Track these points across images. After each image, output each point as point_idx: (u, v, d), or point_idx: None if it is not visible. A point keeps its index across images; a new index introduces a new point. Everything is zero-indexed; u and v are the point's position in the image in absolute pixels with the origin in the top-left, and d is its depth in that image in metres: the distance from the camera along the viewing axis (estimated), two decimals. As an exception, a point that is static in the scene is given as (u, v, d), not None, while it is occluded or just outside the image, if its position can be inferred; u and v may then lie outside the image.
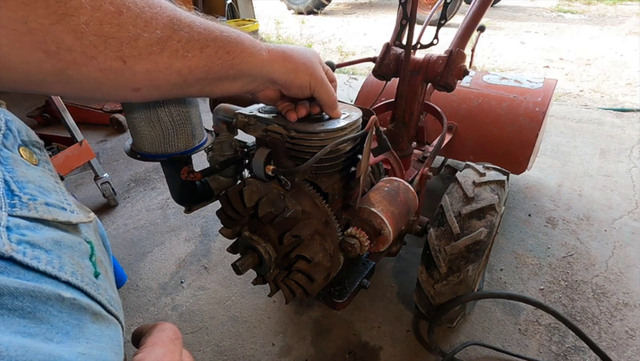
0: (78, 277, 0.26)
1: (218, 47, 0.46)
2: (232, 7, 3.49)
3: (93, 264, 0.30)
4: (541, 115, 1.35)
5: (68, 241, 0.28)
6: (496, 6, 6.11)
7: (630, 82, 2.95)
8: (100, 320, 0.28)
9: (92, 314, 0.27)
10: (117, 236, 1.63)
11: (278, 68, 0.55)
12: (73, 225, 0.29)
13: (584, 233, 1.50)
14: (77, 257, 0.28)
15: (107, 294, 0.30)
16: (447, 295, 0.97)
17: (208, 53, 0.45)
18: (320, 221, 0.67)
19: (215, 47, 0.45)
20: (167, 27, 0.40)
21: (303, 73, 0.56)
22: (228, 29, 0.48)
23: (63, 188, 0.33)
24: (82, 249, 0.29)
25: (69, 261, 0.26)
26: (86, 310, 0.26)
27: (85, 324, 0.26)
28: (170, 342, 0.34)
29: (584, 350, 1.08)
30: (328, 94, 0.60)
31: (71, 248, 0.28)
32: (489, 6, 1.09)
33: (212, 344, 1.17)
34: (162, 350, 0.33)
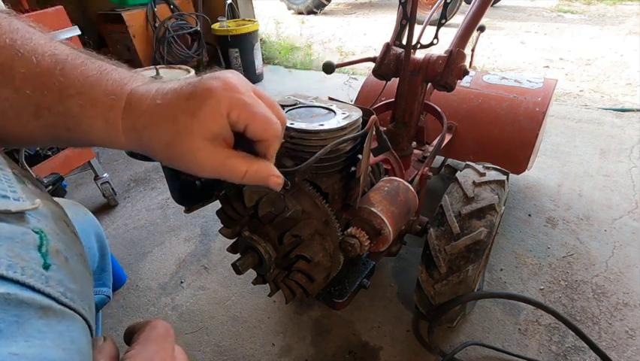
0: (17, 270, 0.24)
1: (51, 122, 0.34)
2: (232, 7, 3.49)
3: (42, 255, 0.28)
4: (541, 115, 1.35)
5: (7, 231, 0.26)
6: (496, 6, 6.10)
7: (630, 82, 2.94)
8: (50, 315, 0.26)
9: (39, 309, 0.25)
10: (117, 236, 1.63)
11: (149, 155, 0.38)
12: (14, 213, 0.27)
13: (584, 233, 1.50)
14: (19, 248, 0.26)
15: (60, 286, 0.28)
16: (447, 295, 0.97)
17: (44, 123, 0.34)
18: (320, 221, 0.67)
19: (48, 120, 0.34)
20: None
21: (185, 163, 0.36)
22: (71, 92, 0.34)
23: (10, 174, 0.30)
24: (26, 239, 0.27)
25: (5, 253, 0.24)
26: (28, 305, 0.24)
27: (27, 320, 0.24)
28: (163, 339, 0.33)
29: (584, 350, 1.08)
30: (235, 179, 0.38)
31: (10, 239, 0.26)
32: (489, 6, 1.09)
33: (212, 344, 1.17)
34: (154, 348, 0.32)
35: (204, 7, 3.37)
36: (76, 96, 0.34)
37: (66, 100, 0.33)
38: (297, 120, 0.65)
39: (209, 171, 0.37)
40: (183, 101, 0.35)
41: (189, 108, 0.34)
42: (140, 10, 2.92)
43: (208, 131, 0.35)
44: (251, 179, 0.38)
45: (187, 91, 0.35)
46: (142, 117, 0.35)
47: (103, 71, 0.36)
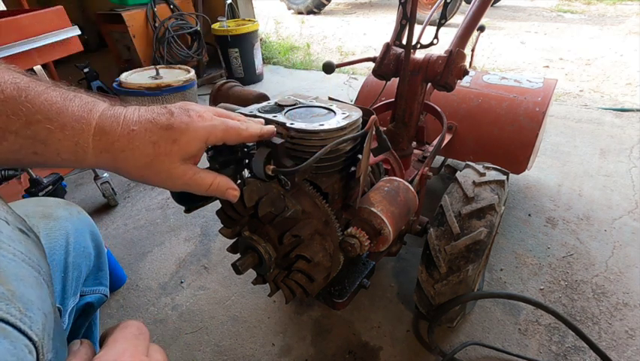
0: None
1: (20, 145, 0.36)
2: (232, 7, 3.49)
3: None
4: (541, 115, 1.35)
5: None
6: (496, 6, 6.11)
7: (630, 82, 2.94)
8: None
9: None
10: (117, 236, 1.63)
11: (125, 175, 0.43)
12: None
13: (584, 233, 1.50)
14: None
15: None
16: (447, 295, 0.97)
17: (8, 148, 0.36)
18: (320, 221, 0.67)
19: (15, 143, 0.36)
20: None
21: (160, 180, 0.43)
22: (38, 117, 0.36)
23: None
24: None
25: None
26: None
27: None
28: (133, 338, 0.33)
29: (584, 350, 1.08)
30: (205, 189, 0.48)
31: None
32: (489, 6, 1.09)
33: (212, 343, 1.17)
34: (123, 346, 0.32)
35: (204, 7, 3.37)
36: (44, 121, 0.36)
37: (33, 125, 0.36)
38: (297, 120, 0.65)
39: (180, 185, 0.44)
40: (163, 130, 0.41)
41: (170, 136, 0.41)
42: (140, 10, 2.92)
43: (185, 154, 0.43)
44: (214, 190, 0.48)
45: (164, 122, 0.42)
46: (118, 141, 0.39)
47: (66, 98, 0.39)
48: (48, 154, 0.38)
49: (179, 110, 0.44)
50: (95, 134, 0.39)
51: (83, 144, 0.38)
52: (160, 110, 0.43)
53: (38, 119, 0.36)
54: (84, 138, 0.38)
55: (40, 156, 0.37)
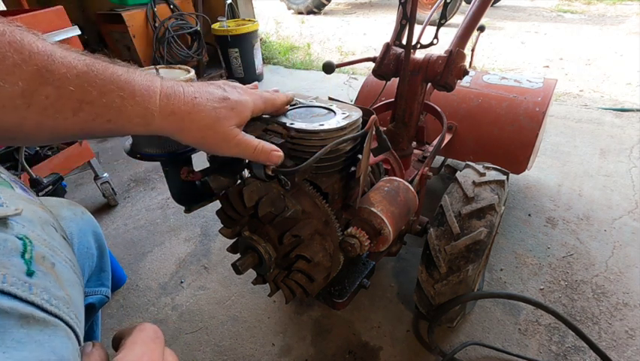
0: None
1: (95, 114, 0.39)
2: (232, 7, 3.49)
3: (26, 261, 0.27)
4: (541, 115, 1.35)
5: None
6: (496, 6, 6.10)
7: (630, 82, 2.94)
8: (32, 324, 0.25)
9: (20, 318, 0.24)
10: (117, 236, 1.63)
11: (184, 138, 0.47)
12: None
13: (584, 233, 1.50)
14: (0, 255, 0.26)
15: (45, 293, 0.27)
16: (447, 295, 0.97)
17: (83, 118, 0.38)
18: (320, 221, 0.67)
19: (91, 113, 0.39)
20: (33, 78, 0.34)
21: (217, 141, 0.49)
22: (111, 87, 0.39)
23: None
24: (8, 246, 0.27)
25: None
26: (8, 314, 0.24)
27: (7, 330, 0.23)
28: (150, 341, 0.33)
29: (584, 350, 1.08)
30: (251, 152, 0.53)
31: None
32: (489, 6, 1.09)
33: (212, 343, 1.17)
34: (141, 350, 0.32)
35: (204, 7, 3.37)
36: (117, 90, 0.40)
37: (107, 94, 0.39)
38: (297, 120, 0.65)
39: (233, 145, 0.50)
40: (221, 100, 0.49)
41: (228, 105, 0.49)
42: (140, 10, 2.91)
43: (238, 121, 0.50)
44: (259, 152, 0.53)
45: (220, 94, 0.50)
46: (184, 105, 0.45)
47: (128, 70, 0.43)
48: (121, 121, 0.41)
49: (228, 87, 0.52)
50: (161, 100, 0.43)
51: (151, 108, 0.43)
52: (209, 86, 0.50)
53: (111, 89, 0.39)
54: (152, 103, 0.43)
55: (114, 123, 0.41)
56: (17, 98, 0.34)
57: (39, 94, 0.35)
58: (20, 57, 0.33)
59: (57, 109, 0.36)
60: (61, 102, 0.36)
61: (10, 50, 0.33)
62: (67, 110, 0.37)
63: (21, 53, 0.33)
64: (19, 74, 0.33)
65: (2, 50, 0.32)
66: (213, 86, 0.51)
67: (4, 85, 0.32)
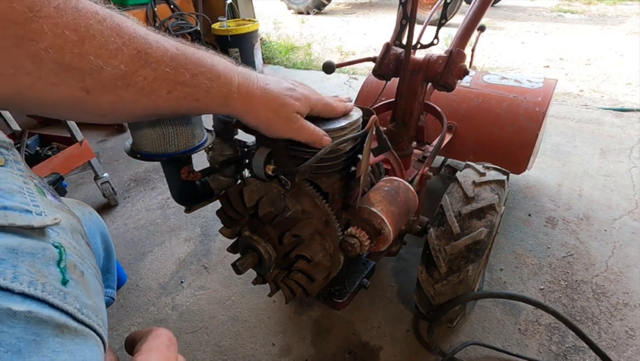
0: (38, 286, 0.24)
1: (186, 93, 0.43)
2: (232, 7, 3.49)
3: (61, 270, 0.28)
4: (541, 115, 1.35)
5: (28, 247, 0.26)
6: (496, 6, 6.10)
7: (630, 82, 2.94)
8: (65, 333, 0.25)
9: (55, 327, 0.25)
10: (117, 236, 1.63)
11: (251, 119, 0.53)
12: (35, 229, 0.27)
13: (584, 233, 1.50)
14: (39, 264, 0.26)
15: (77, 302, 0.28)
16: (447, 295, 0.97)
17: (175, 96, 0.42)
18: (320, 221, 0.67)
19: (182, 92, 0.42)
20: (133, 61, 0.36)
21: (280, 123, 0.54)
22: (201, 70, 0.43)
23: (33, 188, 0.31)
24: (47, 255, 0.27)
25: (27, 270, 0.24)
26: (46, 323, 0.24)
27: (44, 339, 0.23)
28: (166, 348, 0.33)
29: (584, 350, 1.08)
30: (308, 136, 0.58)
31: (32, 255, 0.26)
32: (489, 6, 1.09)
33: (212, 343, 1.17)
34: (157, 357, 0.32)
35: (204, 7, 3.37)
36: (206, 73, 0.44)
37: (197, 76, 0.43)
38: None
39: (295, 128, 0.56)
40: (288, 90, 0.55)
41: (293, 95, 0.55)
42: (140, 10, 2.92)
43: (300, 109, 0.56)
44: (315, 136, 0.58)
45: (287, 86, 0.56)
46: (257, 89, 0.51)
47: (212, 55, 0.47)
48: (207, 100, 0.45)
49: (295, 83, 0.58)
50: (240, 84, 0.48)
51: (232, 90, 0.48)
52: (279, 78, 0.57)
53: (201, 71, 0.43)
54: (233, 85, 0.48)
55: (201, 101, 0.45)
56: (118, 79, 0.36)
57: (138, 75, 0.37)
58: (121, 41, 0.35)
59: (153, 89, 0.39)
60: (157, 83, 0.39)
61: (112, 34, 0.34)
62: (162, 89, 0.40)
63: (122, 37, 0.35)
64: (120, 57, 0.35)
65: (105, 35, 0.33)
66: (283, 79, 0.57)
67: (106, 68, 0.34)
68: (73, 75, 0.32)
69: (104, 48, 0.33)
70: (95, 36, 0.33)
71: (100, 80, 0.34)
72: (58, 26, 0.30)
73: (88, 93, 0.35)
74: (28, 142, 1.71)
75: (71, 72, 0.32)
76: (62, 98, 0.34)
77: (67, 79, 0.32)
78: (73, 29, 0.31)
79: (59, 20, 0.30)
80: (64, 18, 0.30)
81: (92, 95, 0.35)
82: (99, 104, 0.37)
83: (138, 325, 1.25)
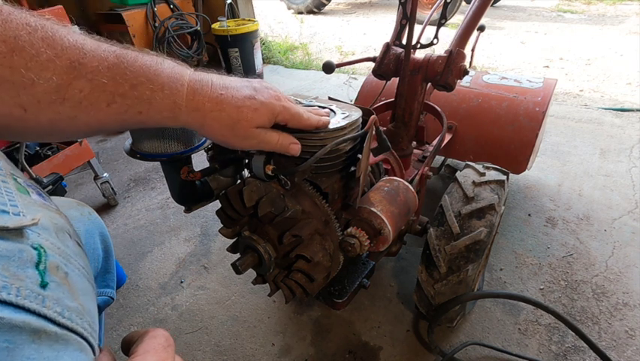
0: (11, 291, 0.23)
1: (127, 106, 0.40)
2: (232, 7, 3.49)
3: (40, 272, 0.27)
4: (541, 115, 1.35)
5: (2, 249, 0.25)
6: (496, 6, 6.10)
7: (630, 82, 2.94)
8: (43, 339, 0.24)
9: (31, 333, 0.24)
10: (117, 236, 1.63)
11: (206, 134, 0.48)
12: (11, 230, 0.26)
13: (584, 233, 1.50)
14: (14, 267, 0.25)
15: (58, 305, 0.26)
16: (447, 294, 0.97)
17: (116, 110, 0.39)
18: (320, 221, 0.67)
19: (123, 104, 0.39)
20: (66, 73, 0.34)
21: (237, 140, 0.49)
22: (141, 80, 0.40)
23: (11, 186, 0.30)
24: (23, 257, 0.26)
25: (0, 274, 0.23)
26: (21, 329, 0.23)
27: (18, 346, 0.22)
28: (163, 350, 0.33)
29: (584, 350, 1.08)
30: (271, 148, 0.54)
31: (7, 258, 0.25)
32: (489, 6, 1.09)
33: (212, 343, 1.17)
34: (154, 358, 0.32)
35: (204, 7, 3.37)
36: (146, 83, 0.40)
37: (138, 87, 0.40)
38: None
39: (254, 144, 0.51)
40: (246, 99, 0.48)
41: (251, 105, 0.48)
42: (140, 10, 2.92)
43: (261, 122, 0.50)
44: (280, 146, 0.54)
45: (248, 93, 0.49)
46: (209, 102, 0.45)
47: (157, 62, 0.43)
48: (151, 112, 0.42)
49: (260, 86, 0.51)
50: (187, 94, 0.44)
51: (179, 102, 0.43)
52: (243, 82, 0.50)
53: (142, 82, 0.40)
54: (180, 97, 0.43)
55: (144, 115, 0.41)
56: (52, 93, 0.34)
57: (73, 88, 0.35)
58: (53, 52, 0.34)
59: (91, 102, 0.37)
60: (94, 95, 0.37)
61: (43, 45, 0.33)
62: (100, 102, 0.38)
63: (54, 48, 0.34)
64: (52, 68, 0.34)
65: (36, 47, 0.32)
66: (245, 82, 0.51)
67: (38, 80, 0.33)
68: (6, 90, 0.32)
69: (34, 60, 0.32)
70: (24, 47, 0.32)
71: (34, 95, 0.33)
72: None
73: (25, 111, 0.33)
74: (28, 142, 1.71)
75: (4, 86, 0.31)
76: (2, 116, 0.33)
77: (1, 94, 0.31)
78: (2, 40, 0.30)
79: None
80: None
81: (30, 113, 0.34)
82: (39, 122, 0.35)
83: (138, 325, 1.25)
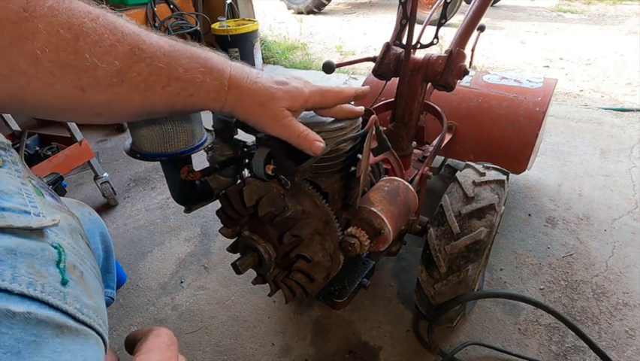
0: (37, 287, 0.24)
1: (180, 89, 0.43)
2: (232, 7, 3.48)
3: (61, 271, 0.28)
4: (541, 115, 1.35)
5: (27, 248, 0.26)
6: (496, 6, 6.10)
7: (630, 82, 2.94)
8: (65, 333, 0.25)
9: (55, 327, 0.25)
10: (117, 236, 1.63)
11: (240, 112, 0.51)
12: (34, 230, 0.27)
13: (584, 233, 1.50)
14: (38, 265, 0.26)
15: (77, 302, 0.28)
16: (447, 294, 0.97)
17: (169, 92, 0.42)
18: (320, 221, 0.67)
19: (177, 87, 0.42)
20: (127, 57, 0.37)
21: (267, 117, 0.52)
22: (193, 64, 0.43)
23: (31, 189, 0.31)
24: (45, 255, 0.27)
25: (26, 270, 0.24)
26: (46, 324, 0.24)
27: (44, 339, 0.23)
28: (166, 348, 0.34)
29: (584, 350, 1.08)
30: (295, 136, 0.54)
31: (31, 256, 0.26)
32: (489, 6, 1.09)
33: (212, 343, 1.17)
34: (158, 357, 0.32)
35: (204, 7, 3.37)
36: (198, 67, 0.44)
37: (190, 71, 0.43)
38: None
39: (280, 126, 0.52)
40: (279, 83, 0.53)
41: (283, 88, 0.52)
42: (140, 10, 2.91)
43: (289, 104, 0.52)
44: (303, 139, 0.54)
45: (279, 79, 0.53)
46: (246, 83, 0.49)
47: (204, 50, 0.47)
48: (201, 94, 0.45)
49: (291, 78, 0.56)
50: (231, 77, 0.48)
51: (225, 83, 0.47)
52: (275, 74, 0.55)
53: (194, 66, 0.43)
54: (225, 78, 0.47)
55: (195, 96, 0.45)
56: (113, 76, 0.36)
57: (132, 71, 0.37)
58: (115, 38, 0.35)
59: (148, 85, 0.39)
60: (152, 78, 0.39)
61: (105, 32, 0.34)
62: (156, 85, 0.40)
63: (115, 34, 0.35)
64: (114, 53, 0.35)
65: (99, 32, 0.34)
66: (278, 75, 0.55)
67: (101, 64, 0.34)
68: (68, 73, 0.33)
69: (98, 45, 0.34)
70: (88, 33, 0.33)
71: (95, 78, 0.35)
72: (53, 25, 0.30)
73: (84, 92, 0.35)
74: (28, 142, 1.71)
75: (67, 70, 0.32)
76: (59, 98, 0.34)
77: (63, 77, 0.33)
78: (67, 28, 0.31)
79: (53, 19, 0.30)
80: (58, 17, 0.30)
81: (88, 94, 0.35)
82: (96, 102, 0.37)
83: (138, 325, 1.25)
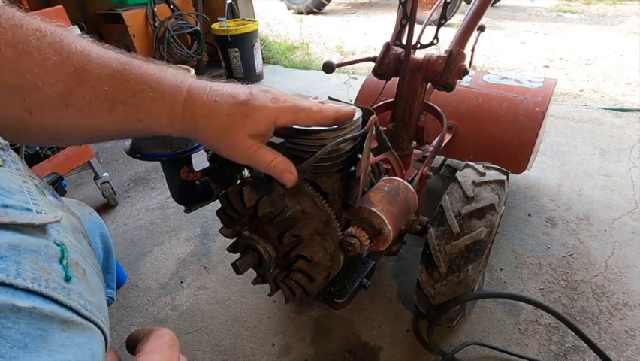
0: (41, 282, 0.25)
1: (127, 113, 0.39)
2: (232, 7, 3.49)
3: (64, 267, 0.28)
4: (541, 115, 1.35)
5: (30, 244, 0.26)
6: (496, 6, 6.10)
7: (630, 82, 2.94)
8: (71, 328, 0.26)
9: (61, 322, 0.25)
10: (117, 236, 1.63)
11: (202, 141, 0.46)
12: (37, 226, 0.27)
13: (584, 233, 1.50)
14: (42, 261, 0.26)
15: (81, 298, 0.28)
16: (447, 294, 0.97)
17: (116, 117, 0.39)
18: (320, 221, 0.67)
19: (123, 112, 0.39)
20: (70, 79, 0.35)
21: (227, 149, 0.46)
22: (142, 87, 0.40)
23: (32, 187, 0.31)
24: (49, 252, 0.27)
25: (30, 266, 0.24)
26: (51, 319, 0.24)
27: (50, 334, 0.24)
28: (168, 349, 0.34)
29: (584, 350, 1.08)
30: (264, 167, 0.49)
31: (34, 252, 0.26)
32: (489, 6, 1.09)
33: (212, 343, 1.17)
34: (160, 357, 0.32)
35: (204, 7, 3.37)
36: (147, 90, 0.40)
37: (138, 94, 0.39)
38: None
39: (243, 157, 0.47)
40: (238, 104, 0.44)
41: (243, 111, 0.44)
42: (140, 10, 2.92)
43: (254, 130, 0.45)
44: (272, 169, 0.48)
45: (242, 97, 0.45)
46: (201, 108, 0.43)
47: (161, 69, 0.43)
48: (150, 120, 0.41)
49: (257, 91, 0.47)
50: (185, 101, 0.42)
51: (177, 109, 0.42)
52: (243, 87, 0.47)
53: (142, 89, 0.40)
54: (178, 103, 0.42)
55: (144, 122, 0.41)
56: (56, 98, 0.34)
57: (76, 94, 0.36)
58: (59, 58, 0.34)
59: (93, 108, 0.37)
60: (96, 102, 0.37)
61: (50, 51, 0.33)
62: (102, 109, 0.38)
63: (60, 54, 0.34)
64: (57, 75, 0.34)
65: (43, 52, 0.33)
66: (245, 88, 0.47)
67: (43, 86, 0.33)
68: (12, 94, 0.32)
69: (40, 66, 0.33)
70: (31, 53, 0.32)
71: (39, 100, 0.34)
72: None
73: (31, 114, 0.34)
74: (28, 142, 1.71)
75: (9, 91, 0.32)
76: (5, 118, 0.33)
77: (7, 98, 0.32)
78: (11, 46, 0.31)
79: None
80: (2, 35, 0.30)
81: (34, 117, 0.34)
82: (42, 126, 0.36)
83: (138, 325, 1.25)
